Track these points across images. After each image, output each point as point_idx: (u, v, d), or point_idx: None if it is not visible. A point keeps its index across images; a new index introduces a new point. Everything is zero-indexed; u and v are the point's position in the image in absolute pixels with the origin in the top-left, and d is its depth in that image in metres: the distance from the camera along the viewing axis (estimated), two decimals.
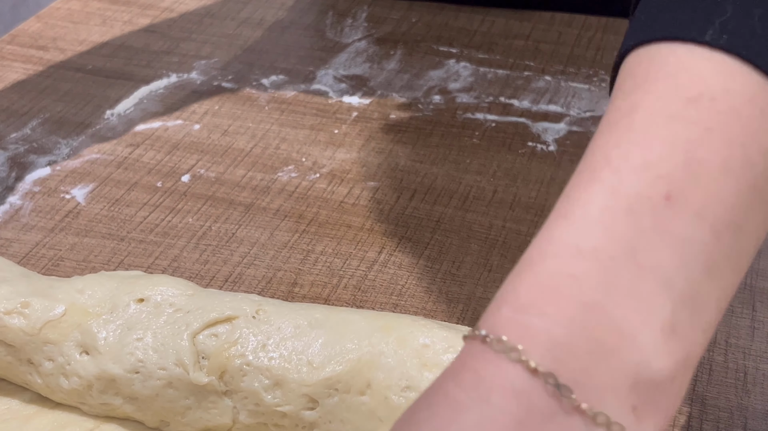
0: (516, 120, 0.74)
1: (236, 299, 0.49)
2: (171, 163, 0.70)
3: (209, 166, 0.70)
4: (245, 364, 0.46)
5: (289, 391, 0.46)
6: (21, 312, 0.48)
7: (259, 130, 0.74)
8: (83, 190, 0.67)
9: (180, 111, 0.76)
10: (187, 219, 0.65)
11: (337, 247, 0.62)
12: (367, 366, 0.46)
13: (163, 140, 0.72)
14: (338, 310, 0.49)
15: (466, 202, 0.66)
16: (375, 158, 0.71)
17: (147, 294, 0.49)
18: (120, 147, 0.72)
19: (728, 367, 0.54)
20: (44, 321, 0.48)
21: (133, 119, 0.75)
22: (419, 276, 0.60)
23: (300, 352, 0.46)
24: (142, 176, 0.69)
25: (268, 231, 0.64)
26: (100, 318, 0.48)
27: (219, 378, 0.47)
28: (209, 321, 0.48)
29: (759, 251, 0.61)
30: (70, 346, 0.48)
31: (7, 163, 0.70)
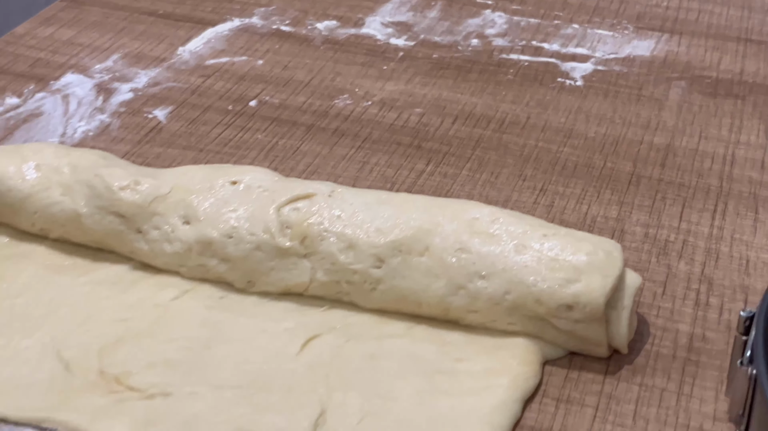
0: (546, 60, 0.83)
1: (314, 183, 0.58)
2: (239, 91, 0.79)
3: (273, 93, 0.78)
4: (323, 231, 0.55)
5: (360, 252, 0.54)
6: (134, 189, 0.57)
7: (315, 66, 0.82)
8: (163, 111, 0.76)
9: (244, 49, 0.84)
10: (256, 135, 0.73)
11: (390, 160, 0.71)
12: (426, 233, 0.54)
13: (230, 72, 0.81)
14: (401, 194, 0.58)
15: (503, 126, 0.75)
16: (420, 90, 0.79)
17: (239, 178, 0.58)
18: (193, 77, 0.80)
19: (732, 256, 0.62)
20: (153, 197, 0.57)
21: (202, 55, 0.84)
22: (462, 184, 0.68)
23: (369, 221, 0.55)
24: (214, 101, 0.77)
25: (328, 147, 0.72)
26: (200, 195, 0.57)
27: (300, 242, 0.55)
28: (292, 197, 0.56)
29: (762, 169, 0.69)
30: (174, 217, 0.57)
31: (94, 89, 0.78)
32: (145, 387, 0.51)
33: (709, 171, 0.69)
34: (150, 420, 0.49)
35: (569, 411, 0.51)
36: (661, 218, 0.65)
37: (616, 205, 0.66)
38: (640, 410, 0.51)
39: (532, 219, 0.56)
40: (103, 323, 0.55)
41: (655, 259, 0.61)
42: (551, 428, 0.50)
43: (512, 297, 0.53)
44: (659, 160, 0.70)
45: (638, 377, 0.53)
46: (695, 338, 0.56)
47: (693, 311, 0.57)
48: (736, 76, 0.81)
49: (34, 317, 0.55)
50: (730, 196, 0.67)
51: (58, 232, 0.59)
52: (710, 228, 0.64)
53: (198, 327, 0.54)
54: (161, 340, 0.54)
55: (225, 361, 0.53)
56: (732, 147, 0.72)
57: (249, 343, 0.54)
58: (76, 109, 0.76)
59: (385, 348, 0.54)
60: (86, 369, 0.52)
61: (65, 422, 0.49)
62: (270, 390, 0.51)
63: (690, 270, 0.60)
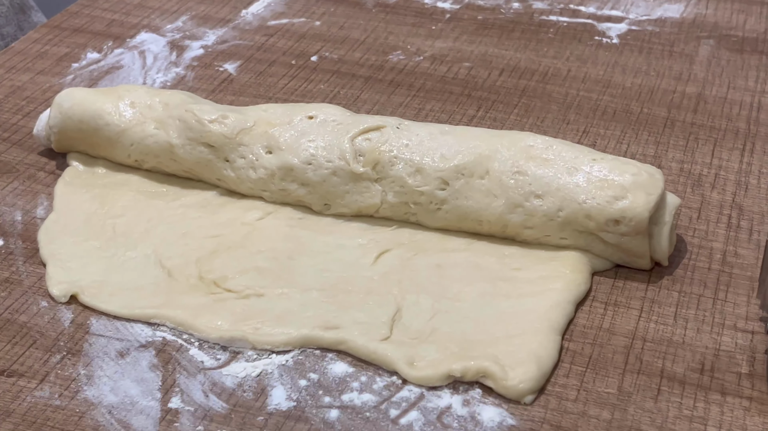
0: (584, 21, 0.89)
1: (383, 117, 0.64)
2: (300, 47, 0.85)
3: (332, 50, 0.85)
4: (393, 157, 0.61)
5: (427, 176, 0.61)
6: (222, 122, 0.64)
7: (369, 26, 0.89)
8: (233, 65, 0.82)
9: (302, 11, 0.91)
10: (319, 86, 0.80)
11: (443, 106, 0.77)
12: (486, 158, 0.61)
13: (291, 32, 0.88)
14: (461, 126, 0.64)
15: (546, 77, 0.81)
16: (467, 47, 0.85)
17: (315, 113, 0.64)
18: (257, 36, 0.87)
19: (760, 187, 0.68)
20: (239, 129, 0.63)
21: (264, 17, 0.90)
22: (511, 126, 0.75)
23: (435, 149, 0.61)
24: (278, 56, 0.84)
25: (385, 95, 0.79)
26: (281, 127, 0.63)
27: (372, 168, 0.62)
28: (364, 128, 0.63)
29: None
30: (258, 147, 0.63)
31: (167, 46, 0.85)
32: (240, 288, 0.57)
33: (738, 116, 0.76)
34: (247, 315, 0.56)
35: (617, 312, 0.58)
36: (694, 155, 0.71)
37: (653, 145, 0.72)
38: (680, 312, 0.57)
39: (582, 147, 0.62)
40: (198, 238, 0.61)
41: (690, 190, 0.67)
42: (601, 326, 0.57)
43: (564, 214, 0.59)
44: (691, 107, 0.77)
45: (678, 285, 0.59)
46: (728, 254, 0.62)
47: (725, 232, 0.64)
48: (761, 35, 0.87)
49: (136, 233, 0.62)
50: (757, 137, 0.73)
51: (152, 163, 0.66)
52: (739, 164, 0.70)
53: (282, 241, 0.61)
54: (251, 251, 0.60)
55: (308, 269, 0.59)
56: (758, 96, 0.78)
57: (328, 255, 0.60)
58: (152, 63, 0.82)
59: (450, 259, 0.60)
60: (187, 275, 0.58)
61: (172, 317, 0.56)
62: (350, 293, 0.57)
63: (722, 199, 0.67)
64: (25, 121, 0.75)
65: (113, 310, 0.57)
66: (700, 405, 0.52)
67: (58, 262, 0.60)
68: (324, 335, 0.55)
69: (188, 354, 0.55)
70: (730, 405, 0.52)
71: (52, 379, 0.53)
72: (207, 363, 0.54)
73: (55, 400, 0.52)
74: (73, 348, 0.55)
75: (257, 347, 0.54)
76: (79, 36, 0.86)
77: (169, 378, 0.53)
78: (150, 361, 0.54)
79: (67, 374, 0.53)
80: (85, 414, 0.51)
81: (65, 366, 0.54)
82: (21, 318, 0.57)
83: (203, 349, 0.55)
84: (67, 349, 0.55)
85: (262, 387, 0.53)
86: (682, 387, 0.53)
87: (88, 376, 0.53)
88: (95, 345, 0.55)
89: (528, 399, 0.52)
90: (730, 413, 0.51)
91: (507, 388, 0.51)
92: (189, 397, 0.52)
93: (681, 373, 0.54)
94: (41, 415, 0.51)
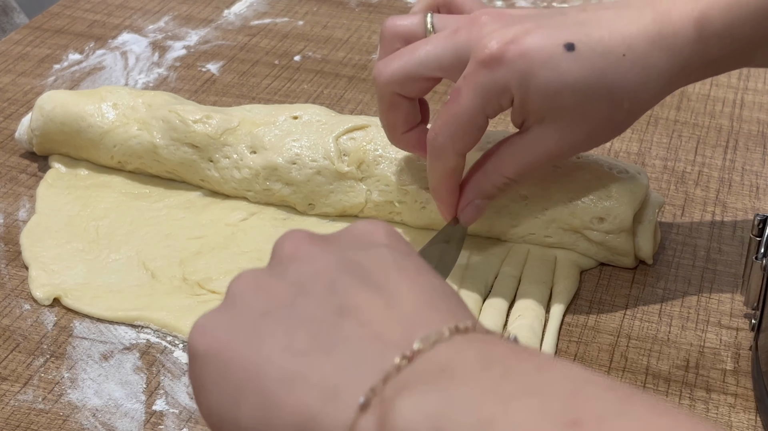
0: None
1: (367, 117, 0.64)
2: (283, 47, 0.85)
3: (315, 50, 0.85)
4: (378, 156, 0.61)
5: (411, 175, 0.61)
6: (206, 122, 0.63)
7: (352, 26, 0.88)
8: (215, 65, 0.82)
9: (285, 11, 0.91)
10: (302, 86, 0.80)
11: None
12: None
13: (274, 32, 0.87)
14: None
15: None
16: None
17: (299, 113, 0.64)
18: (240, 36, 0.87)
19: (743, 184, 0.68)
20: (224, 129, 0.63)
21: (247, 17, 0.90)
22: (495, 125, 0.75)
23: None
24: (261, 56, 0.84)
25: (369, 95, 0.78)
26: (265, 127, 0.63)
27: (357, 167, 0.61)
28: (348, 127, 0.62)
29: None
30: (242, 147, 0.63)
31: (149, 46, 0.85)
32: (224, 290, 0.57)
33: (721, 113, 0.76)
34: None
35: (602, 310, 0.58)
36: (678, 153, 0.71)
37: (637, 143, 0.72)
38: (665, 309, 0.58)
39: None
40: (181, 239, 0.61)
41: (674, 187, 0.68)
42: (586, 324, 0.57)
43: (550, 212, 0.59)
44: (674, 104, 0.77)
45: (662, 283, 0.59)
46: (712, 251, 0.62)
47: (709, 229, 0.64)
48: None
49: (119, 235, 0.62)
50: (740, 134, 0.73)
51: (135, 164, 0.66)
52: (723, 161, 0.70)
53: (266, 242, 0.60)
54: (235, 252, 0.60)
55: None
56: (741, 93, 0.78)
57: None
58: (134, 64, 0.82)
59: None
60: (170, 277, 0.58)
61: (156, 319, 0.55)
62: None
63: (706, 196, 0.67)
64: (7, 123, 0.74)
65: (97, 313, 0.56)
66: (686, 402, 0.52)
67: (40, 265, 0.59)
68: None
69: (172, 356, 0.54)
70: (715, 402, 0.52)
71: (35, 383, 0.53)
72: None
73: (38, 404, 0.51)
74: (56, 351, 0.55)
75: None
76: (60, 37, 0.86)
77: (154, 381, 0.53)
78: (134, 364, 0.54)
79: (50, 377, 0.53)
80: (69, 417, 0.51)
81: (49, 370, 0.53)
82: (3, 321, 0.57)
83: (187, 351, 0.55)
84: (50, 352, 0.55)
85: None
86: (667, 384, 0.53)
87: (72, 379, 0.53)
88: (79, 348, 0.55)
89: None
90: (715, 410, 0.51)
91: None
92: (174, 399, 0.52)
93: (666, 370, 0.54)
94: (25, 419, 0.51)
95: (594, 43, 0.51)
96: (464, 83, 0.52)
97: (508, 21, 0.52)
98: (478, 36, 0.52)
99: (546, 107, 0.52)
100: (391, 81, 0.54)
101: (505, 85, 0.51)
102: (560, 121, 0.52)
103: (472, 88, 0.52)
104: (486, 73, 0.51)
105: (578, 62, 0.51)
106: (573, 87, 0.51)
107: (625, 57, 0.51)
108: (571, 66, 0.51)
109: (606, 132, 0.54)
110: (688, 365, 0.54)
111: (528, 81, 0.51)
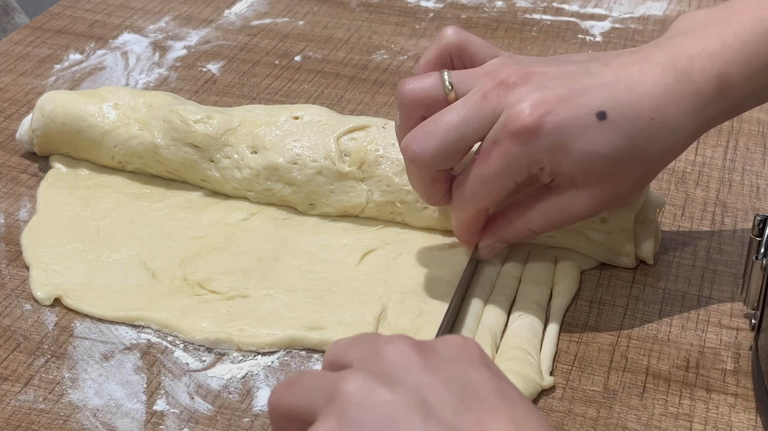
0: (567, 19, 0.89)
1: (368, 117, 0.64)
2: (284, 47, 0.85)
3: (316, 50, 0.85)
4: (379, 156, 0.61)
5: None
6: (207, 122, 0.63)
7: (353, 26, 0.89)
8: (216, 65, 0.82)
9: (285, 11, 0.91)
10: (303, 86, 0.80)
11: None
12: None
13: (275, 32, 0.87)
14: None
15: None
16: None
17: (300, 114, 0.64)
18: (240, 36, 0.87)
19: (744, 184, 0.68)
20: (224, 129, 0.63)
21: (247, 17, 0.90)
22: None
23: None
24: (261, 56, 0.84)
25: (369, 95, 0.78)
26: (266, 128, 0.63)
27: (358, 167, 0.61)
28: (349, 128, 0.62)
29: None
30: (243, 147, 0.63)
31: (150, 46, 0.85)
32: (225, 290, 0.57)
33: None
34: (232, 317, 0.55)
35: (602, 310, 0.58)
36: None
37: None
38: (665, 309, 0.58)
39: None
40: (182, 239, 0.61)
41: (674, 187, 0.68)
42: (586, 324, 0.57)
43: None
44: None
45: (662, 283, 0.59)
46: (712, 251, 0.62)
47: (710, 229, 0.64)
48: None
49: (119, 235, 0.62)
50: (740, 133, 0.73)
51: (136, 164, 0.66)
52: (723, 161, 0.70)
53: (266, 242, 0.61)
54: (235, 252, 0.60)
55: (293, 270, 0.59)
56: None
57: (313, 256, 0.60)
58: (135, 64, 0.82)
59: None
60: (171, 277, 0.58)
61: (156, 319, 0.56)
62: (335, 293, 0.57)
63: (706, 196, 0.67)
64: (8, 123, 0.74)
65: (97, 313, 0.56)
66: (686, 402, 0.52)
67: (41, 265, 0.59)
68: (309, 336, 0.54)
69: (173, 356, 0.54)
70: (715, 402, 0.52)
71: (36, 383, 0.53)
72: (192, 365, 0.54)
73: (39, 404, 0.52)
74: (57, 351, 0.55)
75: (242, 348, 0.54)
76: (61, 37, 0.86)
77: (154, 381, 0.53)
78: (135, 364, 0.54)
79: (51, 377, 0.53)
80: (70, 417, 0.51)
81: (49, 370, 0.54)
82: (4, 321, 0.57)
83: (188, 351, 0.55)
84: (51, 352, 0.55)
85: (248, 389, 0.52)
86: (667, 384, 0.53)
87: (73, 379, 0.53)
88: (79, 348, 0.55)
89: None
90: (715, 410, 0.51)
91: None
92: (174, 399, 0.52)
93: (666, 370, 0.54)
94: (25, 419, 0.51)
95: (624, 109, 0.51)
96: (495, 149, 0.52)
97: (537, 83, 0.52)
98: (509, 102, 0.51)
99: (578, 173, 0.52)
100: (432, 162, 0.53)
101: (537, 157, 0.51)
102: (592, 186, 0.53)
103: (503, 156, 0.52)
104: (520, 145, 0.51)
105: (611, 131, 0.51)
106: (606, 156, 0.51)
107: (654, 121, 0.51)
108: (604, 136, 0.51)
109: (633, 188, 0.56)
110: (688, 365, 0.54)
111: (562, 152, 0.51)
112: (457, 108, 0.53)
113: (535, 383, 0.51)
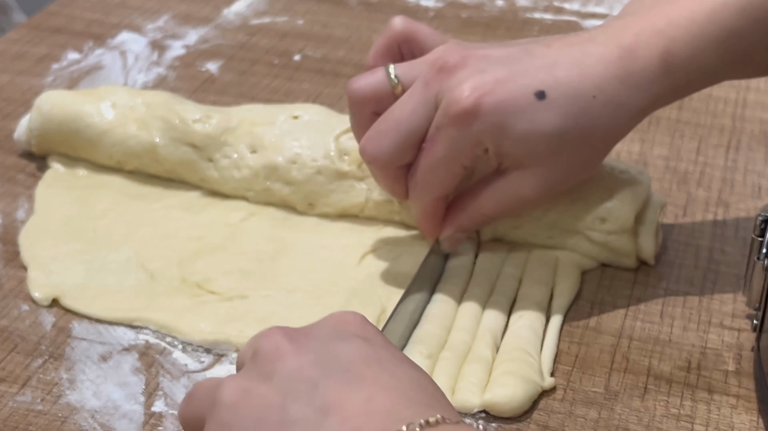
0: (568, 18, 0.89)
1: None
2: (283, 46, 0.85)
3: (315, 49, 0.84)
4: None
5: None
6: (206, 122, 0.63)
7: (352, 24, 0.88)
8: (215, 64, 0.82)
9: (284, 10, 0.90)
10: (302, 85, 0.79)
11: None
12: None
13: (274, 31, 0.87)
14: None
15: None
16: None
17: (299, 113, 0.64)
18: (239, 35, 0.86)
19: (746, 184, 0.68)
20: (223, 129, 0.63)
21: (246, 16, 0.89)
22: None
23: None
24: (260, 55, 0.83)
25: None
26: (265, 127, 0.63)
27: (358, 167, 0.61)
28: (349, 127, 0.62)
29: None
30: (242, 146, 0.63)
31: (148, 46, 0.84)
32: (224, 290, 0.57)
33: (723, 112, 0.75)
34: (231, 318, 0.55)
35: (603, 311, 0.57)
36: (680, 152, 0.71)
37: (638, 142, 0.72)
38: (667, 310, 0.57)
39: None
40: (180, 240, 0.61)
41: (675, 187, 0.67)
42: (587, 325, 0.56)
43: (551, 213, 0.59)
44: (676, 104, 0.76)
45: (664, 283, 0.59)
46: (714, 251, 0.62)
47: (711, 229, 0.63)
48: None
49: (118, 236, 0.61)
50: (742, 133, 0.73)
51: (134, 164, 0.65)
52: (725, 161, 0.70)
53: (266, 242, 0.60)
54: (234, 253, 0.60)
55: (292, 271, 0.59)
56: (743, 92, 0.78)
57: (312, 256, 0.60)
58: (133, 63, 0.82)
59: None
60: (169, 278, 0.58)
61: (155, 320, 0.55)
62: (335, 294, 0.57)
63: (708, 196, 0.66)
64: (5, 122, 0.74)
65: (95, 313, 0.56)
66: (687, 404, 0.51)
67: (39, 265, 0.59)
68: None
69: (171, 357, 0.54)
70: (717, 403, 0.51)
71: (33, 384, 0.52)
72: (190, 366, 0.54)
73: (37, 405, 0.51)
74: (54, 352, 0.54)
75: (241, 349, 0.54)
76: (58, 36, 0.85)
77: (153, 382, 0.53)
78: (133, 365, 0.54)
79: (49, 378, 0.53)
80: (68, 418, 0.50)
81: (47, 371, 0.53)
82: (2, 322, 0.56)
83: (187, 352, 0.54)
84: (48, 353, 0.54)
85: None
86: (669, 385, 0.53)
87: (71, 380, 0.53)
88: (77, 349, 0.55)
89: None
90: (717, 411, 0.51)
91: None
92: (172, 401, 0.51)
93: (668, 371, 0.53)
94: (23, 420, 0.50)
95: (564, 88, 0.51)
96: (438, 135, 0.52)
97: (475, 66, 0.52)
98: (449, 87, 0.52)
99: (521, 154, 0.52)
100: (390, 161, 0.54)
101: (479, 138, 0.52)
102: (536, 167, 0.53)
103: (447, 141, 0.52)
104: (460, 128, 0.52)
105: (551, 110, 0.51)
106: (547, 135, 0.51)
107: (596, 98, 0.51)
108: (543, 115, 0.51)
109: (581, 170, 0.55)
110: (689, 366, 0.54)
111: (502, 133, 0.51)
112: (404, 102, 0.54)
113: (535, 384, 0.51)
